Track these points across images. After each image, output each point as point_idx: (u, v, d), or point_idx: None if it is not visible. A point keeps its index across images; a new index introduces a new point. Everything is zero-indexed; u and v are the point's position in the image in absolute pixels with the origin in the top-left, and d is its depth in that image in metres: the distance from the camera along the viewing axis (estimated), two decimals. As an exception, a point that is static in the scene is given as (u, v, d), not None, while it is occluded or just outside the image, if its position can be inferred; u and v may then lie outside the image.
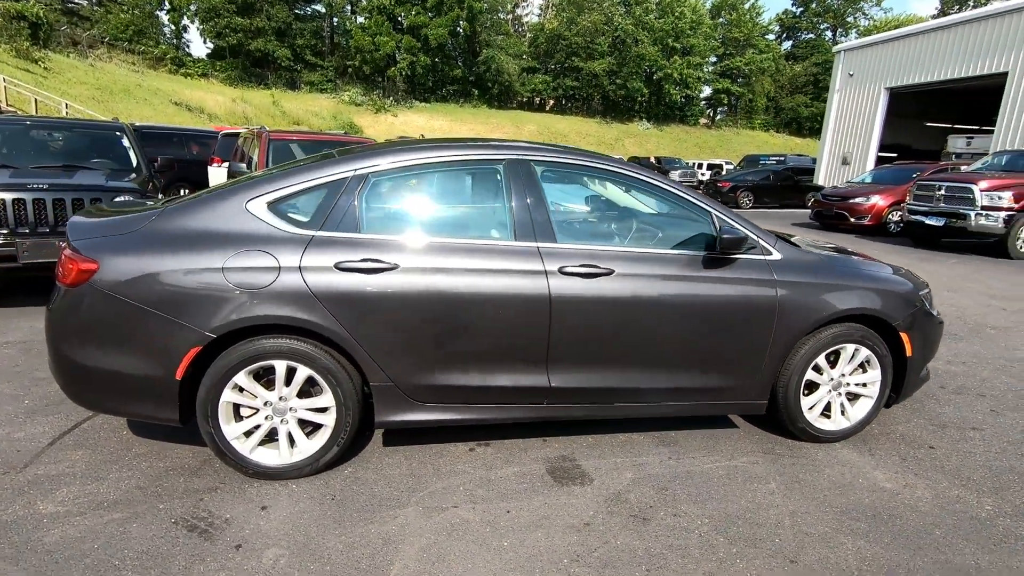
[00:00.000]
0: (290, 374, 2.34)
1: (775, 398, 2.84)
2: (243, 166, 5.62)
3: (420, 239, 2.40)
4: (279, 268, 2.24)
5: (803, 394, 2.83)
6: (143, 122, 14.77)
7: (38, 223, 4.47)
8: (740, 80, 53.59)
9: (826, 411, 2.93)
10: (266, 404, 2.37)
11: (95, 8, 43.69)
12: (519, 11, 55.97)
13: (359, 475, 2.51)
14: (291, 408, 2.40)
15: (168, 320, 2.19)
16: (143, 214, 2.36)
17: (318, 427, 2.46)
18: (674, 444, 2.90)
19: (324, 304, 2.26)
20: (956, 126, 20.63)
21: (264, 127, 6.54)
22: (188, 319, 2.19)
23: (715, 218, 2.68)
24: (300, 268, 2.25)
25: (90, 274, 2.18)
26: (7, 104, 20.48)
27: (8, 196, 4.38)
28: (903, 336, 2.85)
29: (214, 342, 2.23)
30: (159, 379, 2.24)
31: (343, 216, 2.36)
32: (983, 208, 9.50)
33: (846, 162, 20.08)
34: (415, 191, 2.57)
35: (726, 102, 55.93)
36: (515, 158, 2.55)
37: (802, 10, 58.93)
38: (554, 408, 2.62)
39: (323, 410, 2.43)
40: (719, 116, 57.47)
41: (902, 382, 2.96)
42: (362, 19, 46.96)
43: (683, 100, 51.40)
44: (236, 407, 2.38)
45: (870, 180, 13.77)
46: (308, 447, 2.43)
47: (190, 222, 2.29)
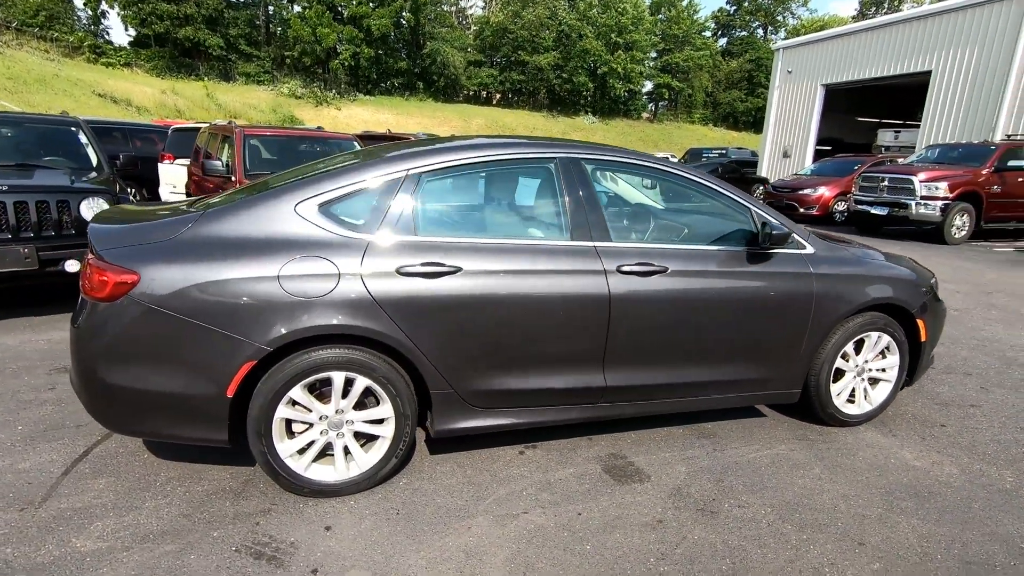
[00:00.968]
0: (347, 385, 2.22)
1: (807, 387, 2.95)
2: (218, 164, 5.28)
3: (479, 240, 2.33)
4: (339, 275, 2.12)
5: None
6: (74, 116, 13.63)
7: (-2, 228, 4.05)
8: (679, 75, 55.18)
9: (851, 396, 3.07)
10: (322, 418, 2.24)
11: (-1, -10, 39.89)
12: (463, 3, 55.42)
13: (416, 486, 2.42)
14: (348, 421, 2.28)
15: (219, 334, 2.03)
16: (178, 218, 2.17)
17: (373, 439, 2.36)
18: (713, 436, 2.96)
19: (387, 311, 2.15)
20: (884, 121, 22.05)
21: (232, 121, 6.17)
22: (242, 332, 2.03)
23: (754, 214, 2.74)
24: (361, 274, 2.14)
25: (129, 286, 1.99)
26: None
27: (-39, 199, 3.94)
28: (919, 322, 3.03)
29: (267, 356, 2.09)
30: (208, 397, 2.08)
31: (399, 218, 2.25)
32: (922, 198, 10.22)
33: (787, 155, 21.09)
34: (468, 191, 2.50)
35: (667, 96, 57.44)
36: (567, 156, 2.52)
37: (735, 8, 61.30)
38: (607, 407, 2.61)
39: (379, 421, 2.32)
40: (660, 110, 59.02)
41: (916, 366, 3.14)
42: (299, 8, 45.12)
43: (626, 94, 52.48)
44: (288, 423, 2.24)
45: (815, 172, 14.53)
46: (365, 461, 2.32)
47: (237, 227, 2.12)
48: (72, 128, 5.40)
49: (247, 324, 2.03)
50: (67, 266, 4.24)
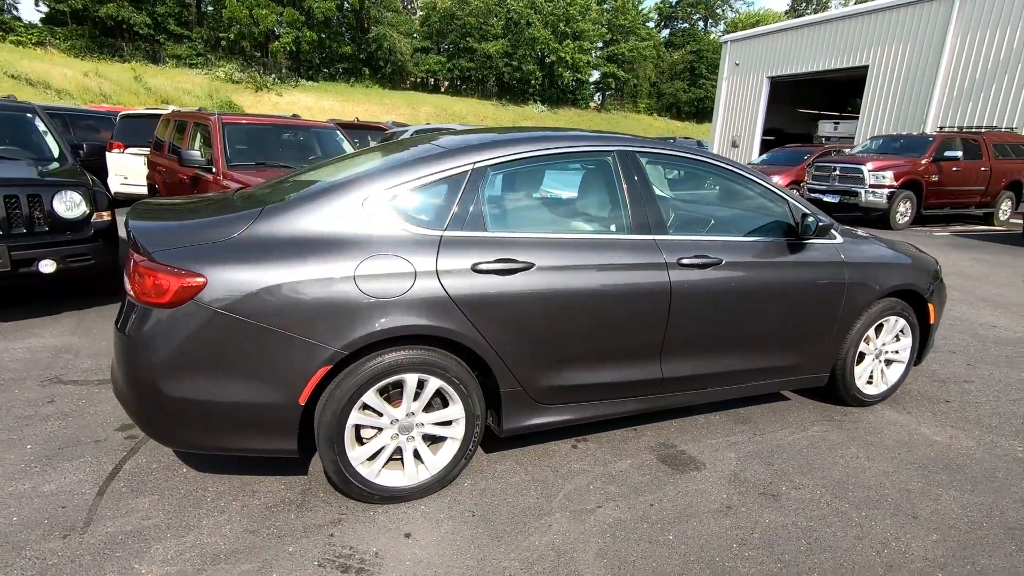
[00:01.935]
0: (419, 387, 2.15)
1: (834, 370, 3.09)
2: (196, 154, 4.93)
3: (548, 235, 2.29)
4: (415, 273, 2.03)
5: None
6: (27, 102, 12.39)
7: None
8: (625, 65, 56.08)
9: (869, 378, 3.25)
10: (392, 422, 2.16)
11: None
12: (408, -13, 54.05)
13: (483, 487, 2.38)
14: (418, 424, 2.21)
15: (293, 338, 1.91)
16: (235, 215, 2.02)
17: (440, 442, 2.29)
18: (749, 421, 3.06)
19: (462, 309, 2.09)
20: (824, 112, 23.26)
21: (203, 109, 5.78)
22: (317, 336, 1.92)
23: (791, 206, 2.83)
24: (437, 272, 2.06)
25: (196, 290, 1.84)
26: None
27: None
28: (930, 306, 3.22)
29: (341, 360, 1.99)
30: (279, 405, 1.96)
31: (468, 213, 2.18)
32: (871, 186, 10.86)
33: (735, 145, 21.90)
34: (530, 184, 2.44)
35: (613, 86, 58.29)
36: (624, 150, 2.51)
37: (677, 1, 62.75)
38: (661, 398, 2.65)
39: (448, 423, 2.26)
40: (607, 100, 59.87)
41: (924, 347, 3.35)
42: (234, -14, 42.66)
43: (574, 83, 52.89)
44: (357, 428, 2.15)
45: (766, 162, 15.16)
46: (435, 464, 2.26)
47: (303, 224, 2.00)
48: (28, 115, 4.91)
49: (322, 327, 1.92)
50: (41, 267, 3.88)
